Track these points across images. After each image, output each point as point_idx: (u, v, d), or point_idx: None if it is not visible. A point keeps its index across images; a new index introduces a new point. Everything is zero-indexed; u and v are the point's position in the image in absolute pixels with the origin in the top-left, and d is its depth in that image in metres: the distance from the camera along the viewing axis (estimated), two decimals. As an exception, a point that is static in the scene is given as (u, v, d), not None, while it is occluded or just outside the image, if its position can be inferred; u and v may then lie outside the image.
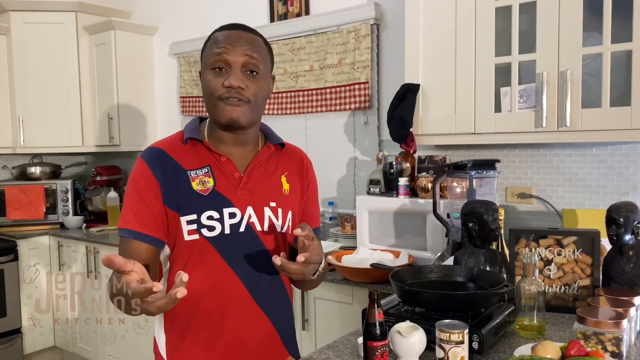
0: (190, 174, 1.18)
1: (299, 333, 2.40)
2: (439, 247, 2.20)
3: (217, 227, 1.18)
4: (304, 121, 3.13)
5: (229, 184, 1.21)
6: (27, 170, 3.91)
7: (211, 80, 1.16)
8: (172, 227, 1.18)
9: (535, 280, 1.47)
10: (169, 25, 3.85)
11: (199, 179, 1.18)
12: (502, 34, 2.07)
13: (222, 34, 1.18)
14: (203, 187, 1.18)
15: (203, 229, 1.17)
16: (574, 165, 2.24)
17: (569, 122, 1.90)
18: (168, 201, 1.17)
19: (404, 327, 1.27)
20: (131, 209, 1.17)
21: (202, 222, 1.17)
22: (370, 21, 2.76)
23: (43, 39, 3.73)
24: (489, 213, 1.67)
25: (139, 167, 1.19)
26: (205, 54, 1.20)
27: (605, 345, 1.27)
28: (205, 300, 1.21)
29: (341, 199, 3.00)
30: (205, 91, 1.19)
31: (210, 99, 1.18)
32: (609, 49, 1.85)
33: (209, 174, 1.20)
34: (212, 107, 1.19)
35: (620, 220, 1.58)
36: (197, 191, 1.18)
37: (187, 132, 1.22)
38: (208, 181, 1.19)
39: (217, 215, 1.18)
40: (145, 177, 1.17)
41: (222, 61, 1.16)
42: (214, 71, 1.17)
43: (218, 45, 1.17)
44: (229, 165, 1.22)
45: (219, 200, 1.19)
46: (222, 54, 1.15)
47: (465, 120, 2.15)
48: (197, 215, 1.17)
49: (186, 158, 1.20)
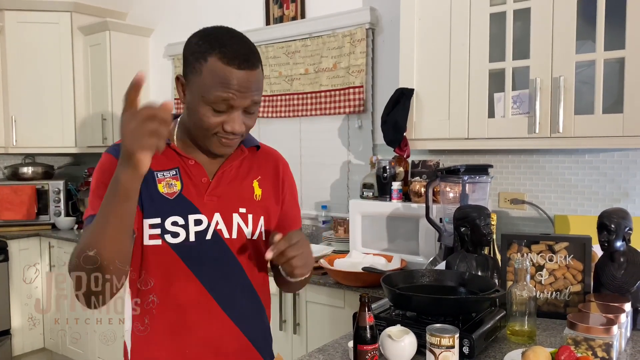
0: (156, 175, 1.12)
1: (289, 337, 2.39)
2: (432, 251, 2.20)
3: (182, 234, 1.12)
4: (298, 124, 3.13)
5: (196, 189, 1.14)
6: (19, 170, 3.89)
7: (209, 117, 1.06)
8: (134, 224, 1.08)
9: (527, 286, 1.47)
10: (164, 27, 3.85)
11: (165, 181, 1.12)
12: (496, 39, 2.08)
13: (233, 76, 1.04)
14: (169, 190, 1.12)
15: (167, 235, 1.11)
16: (566, 172, 2.25)
17: (562, 128, 1.91)
18: None
19: (394, 331, 1.26)
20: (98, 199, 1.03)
21: (166, 227, 1.11)
22: (365, 25, 2.76)
23: (37, 39, 3.72)
24: (481, 218, 1.67)
25: (107, 161, 1.12)
26: (205, 85, 1.05)
27: (596, 351, 1.27)
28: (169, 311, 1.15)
29: (334, 203, 3.00)
30: (199, 124, 1.08)
31: (204, 133, 1.09)
32: (602, 56, 1.86)
33: (177, 176, 1.13)
34: (203, 138, 1.11)
35: (612, 226, 1.59)
36: (162, 194, 1.11)
37: None
38: (175, 184, 1.12)
39: (182, 222, 1.11)
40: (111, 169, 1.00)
41: (226, 105, 1.06)
42: (212, 109, 1.06)
43: (226, 90, 1.04)
44: (197, 169, 1.15)
45: (185, 205, 1.12)
46: (228, 100, 1.05)
47: (459, 126, 2.15)
48: (161, 220, 1.11)
49: (157, 158, 1.09)
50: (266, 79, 3.14)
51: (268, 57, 3.14)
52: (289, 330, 2.39)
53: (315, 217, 3.06)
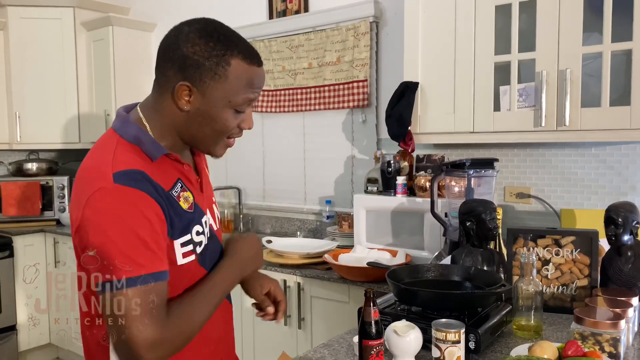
0: (172, 194, 1.03)
1: (294, 332, 2.39)
2: (437, 246, 2.19)
3: (203, 241, 1.09)
4: (302, 119, 3.11)
5: (196, 192, 1.11)
6: (23, 166, 3.89)
7: (231, 121, 1.03)
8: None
9: (533, 280, 1.46)
10: (167, 22, 3.81)
11: (182, 197, 1.05)
12: (502, 32, 2.06)
13: (256, 75, 1.03)
14: (187, 204, 1.06)
15: (197, 247, 1.07)
16: (572, 165, 2.23)
17: (568, 121, 1.89)
18: (171, 232, 1.01)
19: (400, 326, 1.26)
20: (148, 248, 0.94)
21: (194, 239, 1.06)
22: (369, 19, 2.74)
23: (40, 35, 3.71)
24: (487, 212, 1.66)
25: (133, 197, 0.95)
26: (232, 89, 1.00)
27: (603, 345, 1.26)
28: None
29: (338, 198, 2.99)
30: (219, 129, 1.03)
31: (219, 137, 1.06)
32: (609, 47, 1.84)
33: (185, 188, 1.07)
34: (214, 142, 1.06)
35: (619, 220, 1.57)
36: (185, 210, 1.05)
37: (152, 148, 1.02)
38: (188, 196, 1.07)
39: (201, 229, 1.09)
40: (152, 208, 0.96)
41: (248, 105, 1.05)
42: (235, 112, 1.03)
43: (253, 91, 1.03)
44: (190, 171, 1.10)
45: (198, 211, 1.09)
46: (253, 100, 1.04)
47: (464, 119, 2.13)
48: (190, 235, 1.05)
49: (161, 176, 1.02)
50: (269, 74, 3.13)
51: (271, 51, 3.12)
52: (293, 326, 2.38)
53: (319, 212, 3.05)
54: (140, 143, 1.02)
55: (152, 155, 1.01)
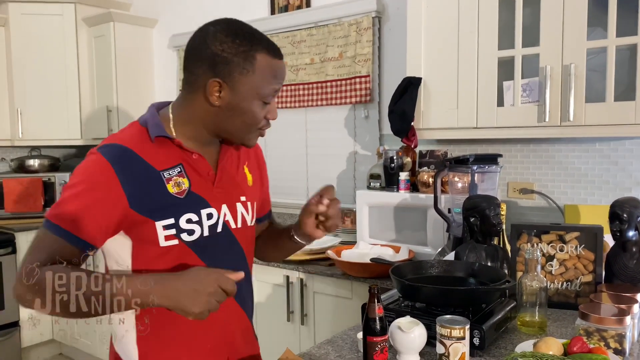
0: (163, 175, 1.08)
1: (297, 328, 2.39)
2: (440, 242, 2.18)
3: (197, 231, 1.11)
4: (304, 115, 3.10)
5: (204, 183, 1.13)
6: (25, 162, 3.89)
7: (260, 112, 1.10)
8: (142, 231, 1.07)
9: (537, 276, 1.46)
10: (169, 18, 3.82)
11: (173, 180, 1.09)
12: (506, 27, 2.04)
13: (278, 67, 1.11)
14: (178, 189, 1.09)
15: (182, 234, 1.09)
16: (576, 161, 2.22)
17: (572, 116, 1.88)
18: (138, 207, 1.05)
19: (404, 322, 1.25)
20: (74, 208, 1.02)
21: (180, 226, 1.09)
22: (371, 14, 2.73)
23: (42, 31, 3.70)
24: (491, 208, 1.65)
25: (100, 166, 1.03)
26: (258, 81, 1.08)
27: (608, 342, 1.26)
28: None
29: (341, 194, 2.98)
30: (249, 121, 1.11)
31: (250, 129, 1.12)
32: (614, 42, 1.83)
33: (183, 173, 1.10)
34: (244, 134, 1.13)
35: (624, 216, 1.56)
36: (172, 194, 1.08)
37: (153, 128, 1.10)
38: (183, 182, 1.10)
39: (195, 218, 1.11)
40: (108, 181, 1.03)
41: (273, 96, 1.12)
42: (262, 103, 1.10)
43: (277, 82, 1.11)
44: (202, 162, 1.14)
45: (196, 201, 1.11)
46: (277, 91, 1.12)
47: (468, 115, 2.12)
48: (174, 220, 1.08)
49: (155, 156, 1.08)
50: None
51: (273, 47, 3.11)
52: (296, 322, 2.38)
53: (321, 208, 3.04)
54: (147, 125, 1.11)
55: (152, 135, 1.09)
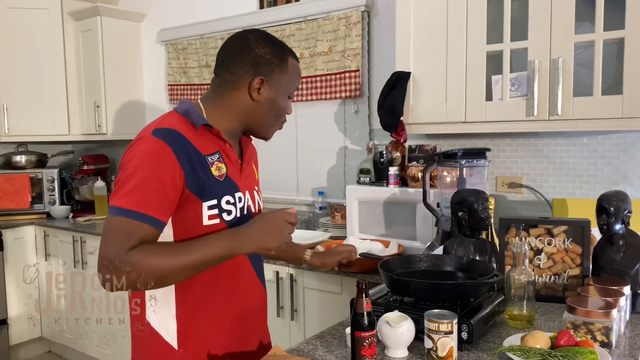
0: (208, 160, 1.23)
1: (287, 323, 2.38)
2: (429, 236, 2.18)
3: (233, 211, 1.25)
4: (294, 110, 3.09)
5: (235, 170, 1.29)
6: (12, 159, 3.84)
7: (287, 108, 1.33)
8: (187, 211, 1.19)
9: (525, 270, 1.46)
10: (157, 12, 3.78)
11: (215, 164, 1.24)
12: (494, 21, 2.04)
13: (299, 69, 1.35)
14: (219, 172, 1.24)
15: (223, 214, 1.23)
16: (564, 155, 2.23)
17: (560, 110, 1.88)
18: (191, 186, 1.17)
19: (392, 317, 1.25)
20: (145, 191, 1.12)
21: (222, 206, 1.23)
22: (361, 8, 2.72)
23: (28, 25, 3.65)
24: (479, 202, 1.65)
25: (159, 149, 1.14)
26: (290, 80, 1.30)
27: (595, 334, 1.26)
28: (222, 283, 1.28)
29: (331, 189, 2.98)
30: (280, 113, 1.32)
31: (277, 121, 1.33)
32: (602, 36, 1.84)
33: (221, 160, 1.25)
34: (270, 126, 1.32)
35: (611, 209, 1.57)
36: (215, 176, 1.23)
37: (197, 118, 1.23)
38: (222, 167, 1.25)
39: (232, 200, 1.26)
40: (168, 161, 1.14)
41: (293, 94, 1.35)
42: (288, 98, 1.32)
43: (299, 80, 1.36)
44: (232, 152, 1.29)
45: (231, 185, 1.27)
46: (298, 88, 1.32)
47: (456, 109, 2.12)
48: (217, 200, 1.22)
49: (201, 143, 1.22)
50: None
51: (262, 41, 3.09)
52: (286, 317, 2.38)
53: (311, 203, 3.04)
54: (189, 115, 1.23)
55: (195, 123, 1.22)
